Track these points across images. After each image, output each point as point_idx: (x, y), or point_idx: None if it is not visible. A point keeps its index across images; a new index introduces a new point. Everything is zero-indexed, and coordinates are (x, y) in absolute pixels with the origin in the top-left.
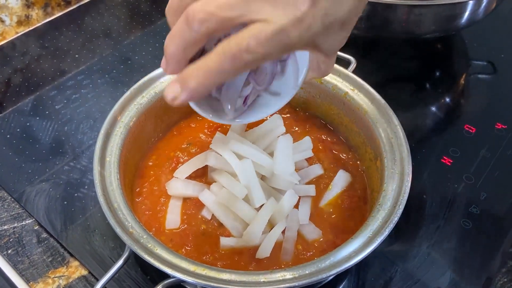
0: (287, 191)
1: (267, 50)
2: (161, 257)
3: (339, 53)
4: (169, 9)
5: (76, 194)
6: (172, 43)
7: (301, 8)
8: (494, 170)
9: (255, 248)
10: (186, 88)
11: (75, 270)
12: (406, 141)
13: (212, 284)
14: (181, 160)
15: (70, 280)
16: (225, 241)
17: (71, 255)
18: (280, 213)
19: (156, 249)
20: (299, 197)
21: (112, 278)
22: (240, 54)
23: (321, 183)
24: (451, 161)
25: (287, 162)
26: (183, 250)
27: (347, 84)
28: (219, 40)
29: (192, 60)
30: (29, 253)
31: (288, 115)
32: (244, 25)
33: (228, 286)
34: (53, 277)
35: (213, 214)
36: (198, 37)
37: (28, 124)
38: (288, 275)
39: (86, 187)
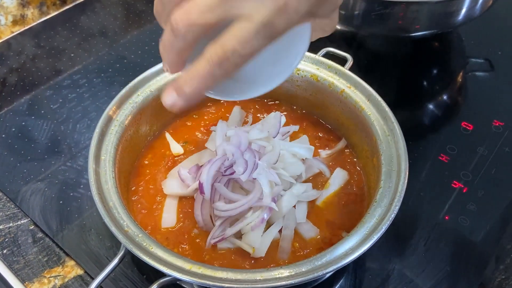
0: (286, 193)
1: (254, 46)
2: (156, 255)
3: (336, 50)
4: (156, 13)
5: (72, 194)
6: (166, 53)
7: None
8: (491, 167)
9: None
10: (182, 95)
11: (71, 269)
12: (403, 138)
13: (207, 282)
14: (177, 159)
15: (66, 279)
16: (222, 243)
17: (67, 254)
18: (278, 213)
19: (152, 248)
20: None
21: (107, 277)
22: (227, 57)
23: (319, 181)
24: (448, 158)
25: (297, 163)
26: (179, 248)
27: (343, 81)
28: None
29: None
30: (25, 253)
31: (285, 113)
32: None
33: (224, 284)
34: (48, 277)
35: None
36: (188, 44)
37: (23, 123)
38: (284, 272)
39: (82, 186)
